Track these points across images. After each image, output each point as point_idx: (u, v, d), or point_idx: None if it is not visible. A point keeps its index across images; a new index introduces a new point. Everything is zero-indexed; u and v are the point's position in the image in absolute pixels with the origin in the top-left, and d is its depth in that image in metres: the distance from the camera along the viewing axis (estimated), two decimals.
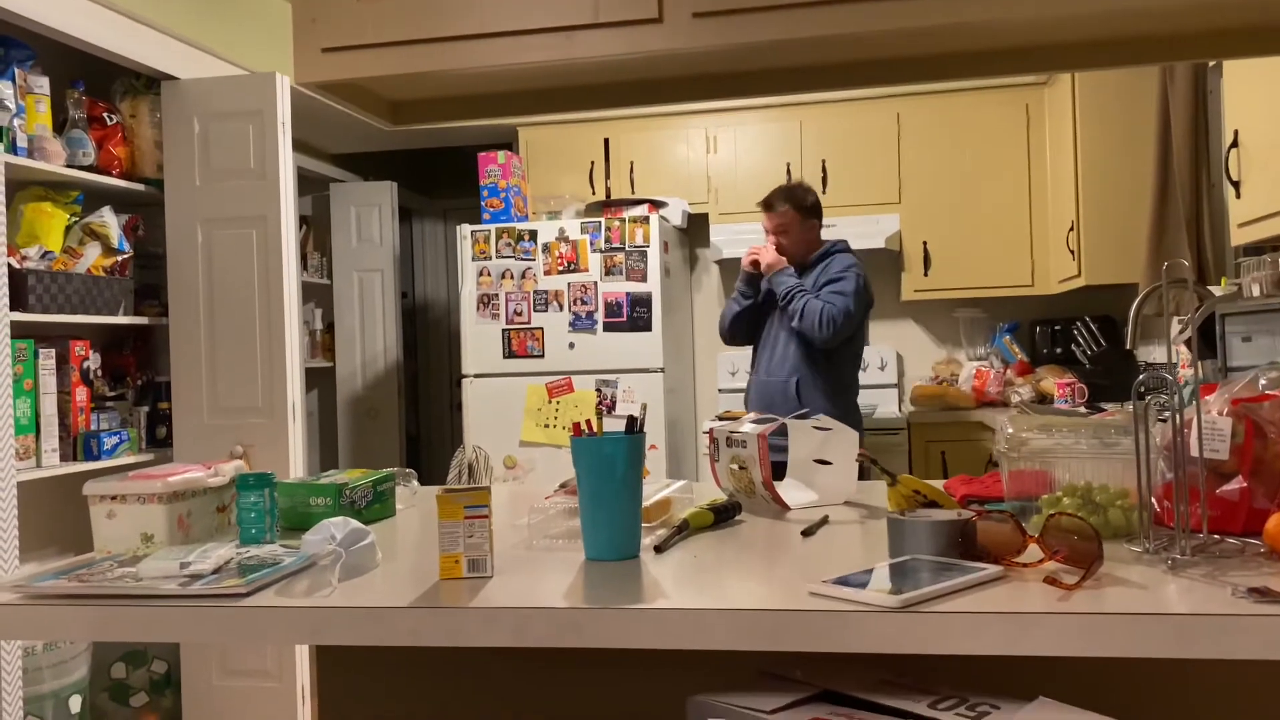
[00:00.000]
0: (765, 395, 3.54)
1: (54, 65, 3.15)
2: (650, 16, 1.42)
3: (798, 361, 3.48)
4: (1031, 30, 1.61)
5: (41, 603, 1.21)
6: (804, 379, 3.48)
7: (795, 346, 3.49)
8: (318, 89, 1.55)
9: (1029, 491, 1.46)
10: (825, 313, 3.36)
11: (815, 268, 3.51)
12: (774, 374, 3.53)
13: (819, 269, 3.50)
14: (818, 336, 3.38)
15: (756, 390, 3.62)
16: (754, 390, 3.64)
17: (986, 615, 1.01)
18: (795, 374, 3.49)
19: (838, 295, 3.40)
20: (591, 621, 1.08)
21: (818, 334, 3.37)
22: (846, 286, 3.42)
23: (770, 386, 3.54)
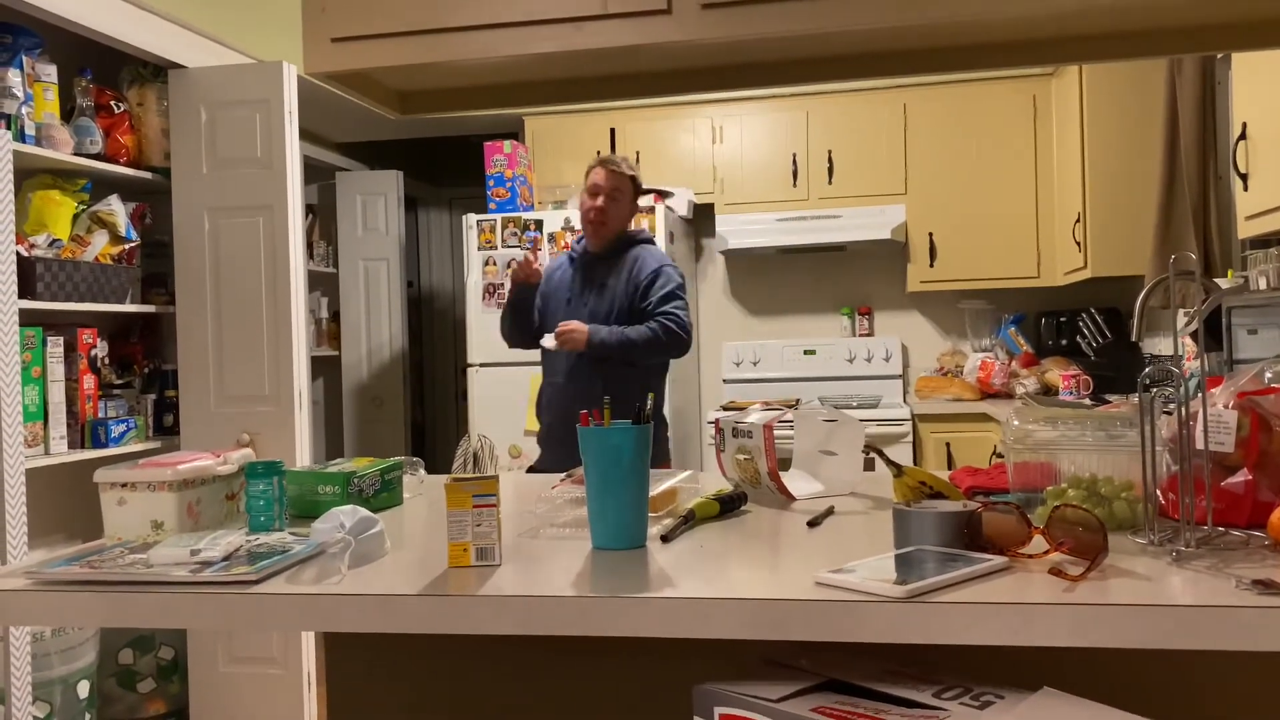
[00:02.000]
0: (564, 402, 3.17)
1: (62, 53, 3.16)
2: (659, 8, 1.42)
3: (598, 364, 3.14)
4: (1039, 23, 1.61)
5: (53, 589, 1.22)
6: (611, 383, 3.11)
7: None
8: (327, 79, 1.55)
9: (1034, 483, 1.47)
10: (670, 330, 3.08)
11: (624, 255, 3.20)
12: (576, 379, 3.17)
13: (630, 263, 3.18)
14: (680, 351, 3.14)
15: (553, 397, 3.24)
16: (550, 397, 3.27)
17: (991, 606, 1.02)
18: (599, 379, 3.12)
19: (669, 304, 3.11)
20: (598, 610, 1.09)
21: (678, 350, 3.13)
22: (669, 286, 3.14)
23: (570, 393, 3.16)
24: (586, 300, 3.21)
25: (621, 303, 3.17)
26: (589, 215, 3.18)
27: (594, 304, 3.20)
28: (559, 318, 3.18)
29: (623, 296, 3.17)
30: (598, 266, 3.24)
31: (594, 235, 3.20)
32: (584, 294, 3.22)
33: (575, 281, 3.26)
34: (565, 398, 3.18)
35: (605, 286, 3.19)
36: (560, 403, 3.20)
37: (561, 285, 3.29)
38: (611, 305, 3.18)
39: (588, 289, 3.22)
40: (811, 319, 4.97)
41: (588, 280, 3.24)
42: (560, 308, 3.25)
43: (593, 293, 3.21)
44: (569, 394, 3.17)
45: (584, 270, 3.26)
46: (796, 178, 4.62)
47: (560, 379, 3.22)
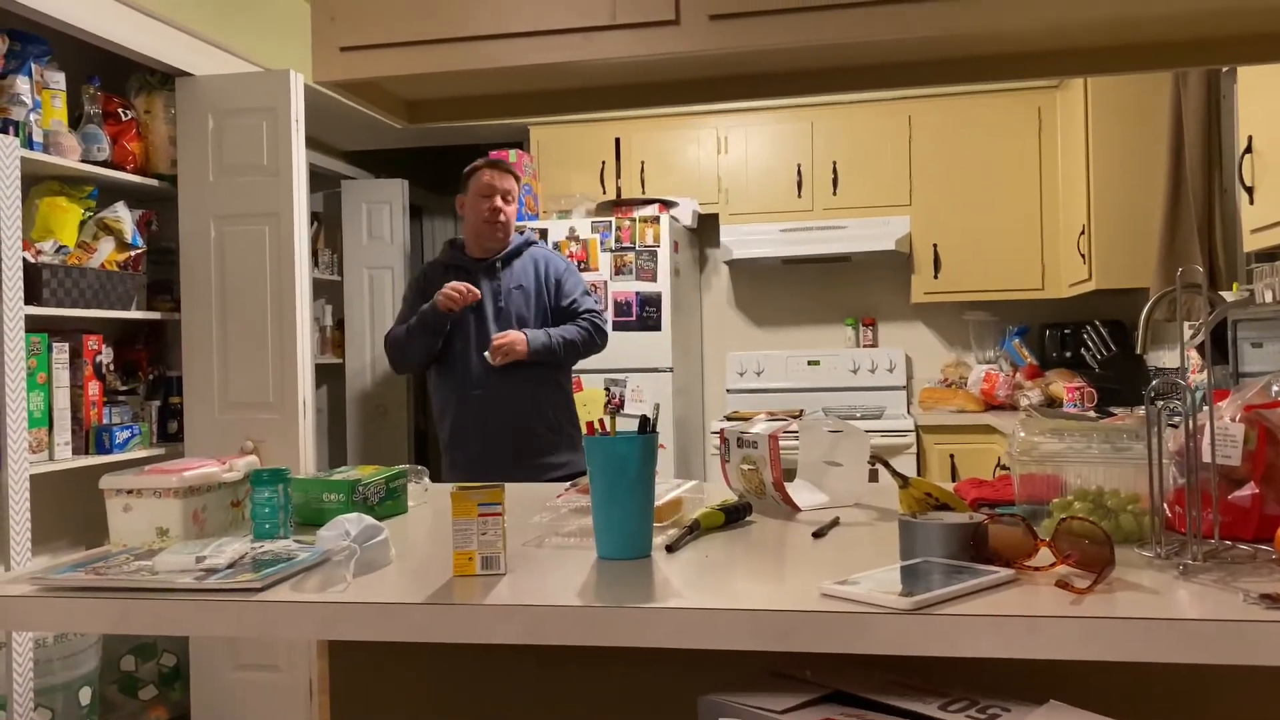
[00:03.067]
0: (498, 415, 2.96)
1: (70, 61, 3.17)
2: (667, 19, 1.43)
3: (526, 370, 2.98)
4: (1044, 36, 1.61)
5: (59, 595, 1.22)
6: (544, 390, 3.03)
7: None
8: (335, 87, 1.56)
9: (1040, 496, 1.47)
10: (598, 327, 3.07)
11: (523, 255, 3.09)
12: (504, 387, 2.96)
13: (539, 264, 3.08)
14: (602, 347, 3.11)
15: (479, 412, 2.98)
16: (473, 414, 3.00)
17: (997, 618, 1.02)
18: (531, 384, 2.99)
19: (589, 300, 3.12)
20: (604, 620, 1.09)
21: (602, 347, 3.10)
22: (583, 283, 3.15)
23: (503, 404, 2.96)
24: (496, 307, 3.04)
25: (542, 304, 3.07)
26: (492, 218, 3.01)
27: (517, 308, 3.04)
28: (480, 328, 3.00)
29: (543, 297, 3.07)
30: (501, 270, 3.08)
31: (493, 238, 3.04)
32: (495, 300, 3.04)
33: (481, 290, 3.01)
34: (498, 410, 2.96)
35: (522, 289, 3.05)
36: (493, 417, 2.96)
37: None
38: (532, 307, 3.06)
39: (497, 295, 3.04)
40: (816, 330, 4.97)
41: (495, 286, 3.05)
42: (466, 319, 3.01)
43: (504, 298, 3.04)
44: (501, 405, 2.95)
45: (485, 276, 3.06)
46: (801, 188, 4.62)
47: (481, 389, 2.98)
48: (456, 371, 3.02)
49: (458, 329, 3.02)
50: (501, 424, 2.96)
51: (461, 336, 3.02)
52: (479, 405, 3.00)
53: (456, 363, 3.03)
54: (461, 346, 3.03)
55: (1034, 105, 4.46)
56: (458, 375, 3.02)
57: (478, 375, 2.99)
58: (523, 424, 2.98)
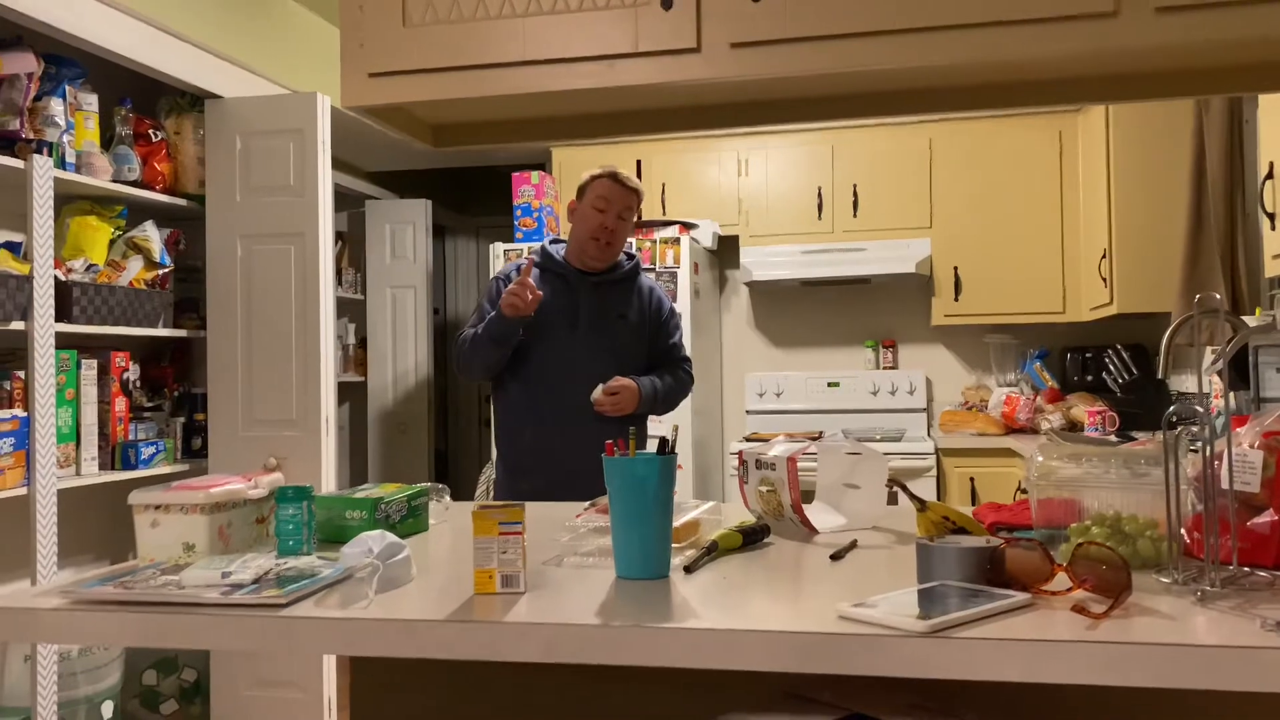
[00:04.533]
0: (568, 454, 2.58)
1: (102, 83, 3.23)
2: (689, 46, 1.45)
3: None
4: (1064, 63, 1.62)
5: (88, 608, 1.24)
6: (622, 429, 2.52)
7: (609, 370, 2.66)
8: (363, 112, 1.59)
9: (1058, 520, 1.47)
10: (688, 387, 2.87)
11: (632, 282, 2.80)
12: (580, 424, 2.63)
13: (643, 294, 2.81)
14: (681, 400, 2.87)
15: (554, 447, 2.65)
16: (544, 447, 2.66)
17: (1013, 642, 1.02)
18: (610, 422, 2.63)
19: (681, 349, 2.88)
20: (623, 639, 1.10)
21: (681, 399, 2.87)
22: (681, 326, 2.91)
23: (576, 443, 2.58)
24: (595, 331, 2.70)
25: (636, 339, 2.77)
26: (598, 235, 2.68)
27: (607, 338, 2.71)
28: (571, 351, 2.68)
29: (639, 331, 2.77)
30: (608, 292, 2.76)
31: (600, 257, 2.72)
32: (596, 323, 2.71)
33: (580, 307, 2.72)
34: (577, 445, 2.55)
35: (624, 319, 2.75)
36: (572, 452, 2.56)
37: (555, 309, 2.69)
38: (625, 341, 2.74)
39: (599, 319, 2.72)
40: (835, 351, 4.97)
41: (599, 308, 2.73)
42: (558, 337, 2.69)
43: (605, 324, 2.73)
44: (582, 441, 2.51)
45: (590, 294, 2.74)
46: (821, 211, 4.64)
47: (563, 420, 2.65)
48: (537, 394, 2.68)
49: (544, 345, 2.68)
50: (577, 461, 2.48)
51: (549, 355, 2.68)
52: (558, 437, 2.64)
53: (538, 384, 2.68)
54: (547, 366, 2.68)
55: (1055, 129, 4.46)
56: (538, 399, 2.68)
57: (561, 403, 2.65)
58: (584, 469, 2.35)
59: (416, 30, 1.53)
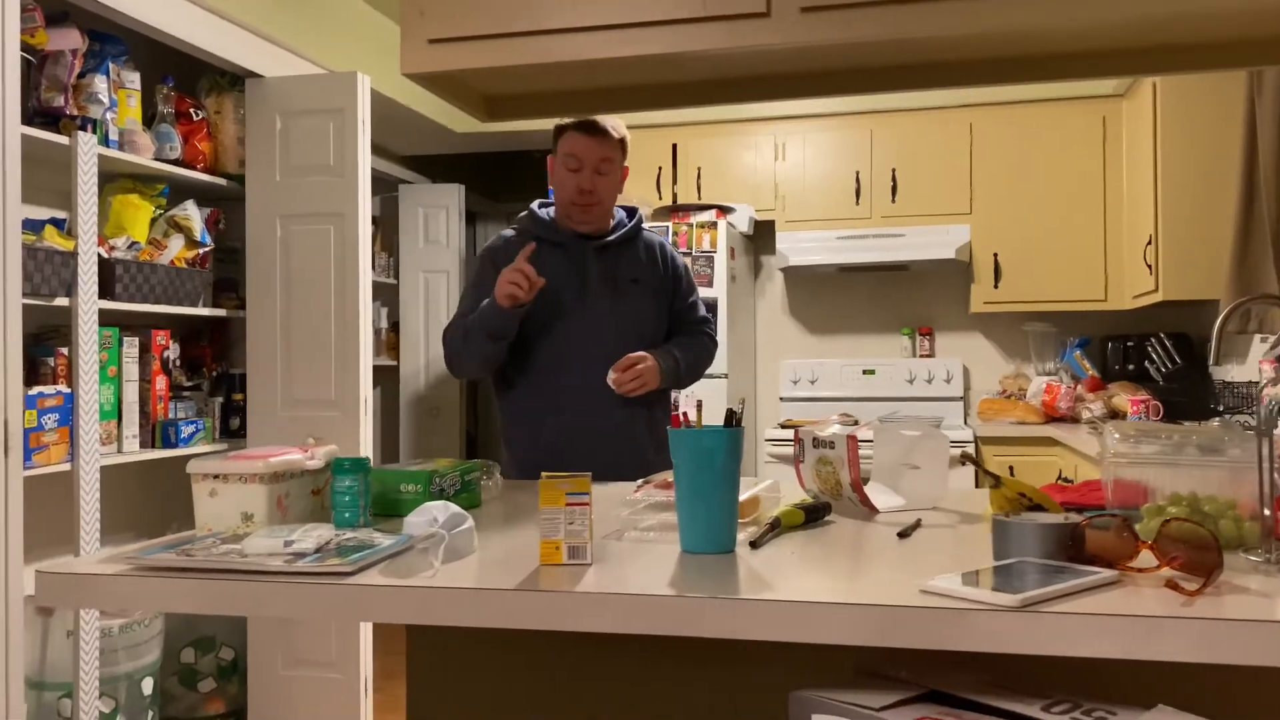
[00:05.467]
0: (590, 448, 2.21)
1: (144, 61, 3.23)
2: (758, 10, 1.42)
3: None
4: (1139, 29, 1.58)
5: (153, 574, 1.23)
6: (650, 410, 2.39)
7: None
8: (421, 80, 1.57)
9: (1131, 500, 1.43)
10: (713, 351, 2.57)
11: (637, 240, 2.46)
12: (605, 411, 2.31)
13: (654, 253, 2.47)
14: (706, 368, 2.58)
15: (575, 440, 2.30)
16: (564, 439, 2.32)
17: (1111, 618, 0.99)
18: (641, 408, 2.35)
19: (699, 308, 2.55)
20: (700, 610, 1.08)
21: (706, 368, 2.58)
22: (697, 286, 2.59)
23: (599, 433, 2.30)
24: (609, 301, 2.37)
25: (654, 304, 2.45)
26: (576, 199, 2.35)
27: (623, 308, 2.38)
28: (585, 330, 2.34)
29: (655, 295, 2.45)
30: (615, 256, 2.42)
31: (585, 221, 2.39)
32: (608, 293, 2.37)
33: (587, 276, 2.37)
34: (598, 438, 2.28)
35: (637, 284, 2.41)
36: (592, 445, 2.24)
37: (558, 283, 2.32)
38: (641, 308, 2.42)
39: (610, 288, 2.38)
40: (871, 338, 4.92)
41: (608, 275, 2.39)
42: (566, 314, 2.34)
43: (618, 292, 2.39)
44: (602, 433, 2.29)
45: (594, 260, 2.39)
46: (859, 196, 4.59)
47: (581, 410, 2.31)
48: (552, 383, 2.35)
49: (551, 326, 2.33)
50: (609, 452, 2.22)
51: (559, 337, 2.34)
52: (583, 427, 2.31)
53: (551, 371, 2.35)
54: (558, 349, 2.34)
55: (1099, 114, 4.39)
56: (554, 388, 2.35)
57: (582, 389, 2.31)
58: (619, 459, 2.19)
59: None
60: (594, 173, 2.34)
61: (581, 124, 2.26)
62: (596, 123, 2.26)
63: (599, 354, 2.30)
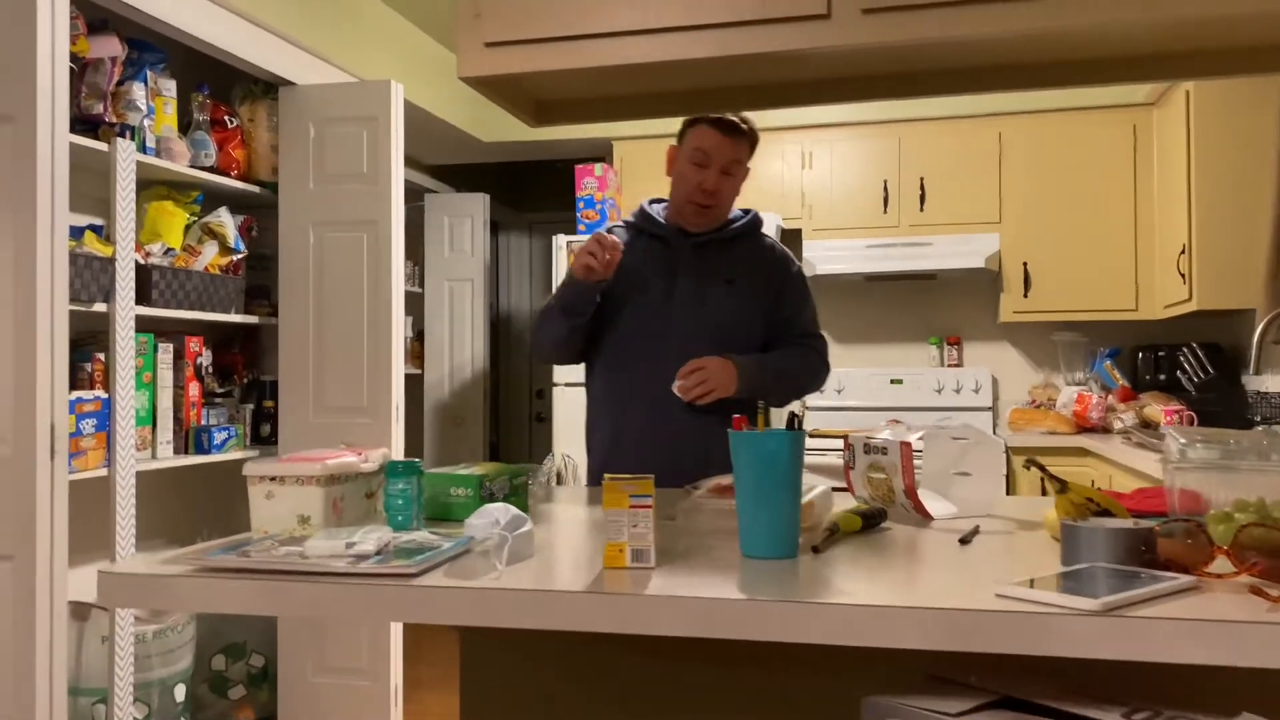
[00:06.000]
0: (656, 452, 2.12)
1: (180, 68, 3.25)
2: (819, 12, 1.41)
3: None
4: (1199, 30, 1.57)
5: (216, 575, 1.22)
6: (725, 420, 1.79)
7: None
8: (477, 84, 1.57)
9: (1192, 507, 1.42)
10: (819, 368, 2.35)
11: (745, 241, 2.33)
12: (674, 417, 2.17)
13: (761, 256, 2.32)
14: (819, 387, 2.39)
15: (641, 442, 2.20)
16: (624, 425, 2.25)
17: (1198, 623, 0.97)
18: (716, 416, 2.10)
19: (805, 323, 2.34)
20: (774, 614, 1.06)
21: (818, 386, 2.39)
22: (811, 299, 2.39)
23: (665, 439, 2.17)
24: (695, 301, 2.24)
25: (749, 310, 2.27)
26: (695, 198, 2.21)
27: (710, 309, 2.23)
28: (664, 323, 2.22)
29: (753, 300, 2.27)
30: (714, 254, 2.28)
31: (699, 223, 2.28)
32: (696, 291, 2.24)
33: (679, 272, 2.25)
34: (658, 444, 2.16)
35: (732, 285, 2.25)
36: (651, 452, 2.12)
37: (646, 271, 2.25)
38: (732, 311, 2.24)
39: (701, 286, 2.24)
40: (899, 348, 4.90)
41: (701, 273, 2.25)
42: (650, 309, 2.24)
43: (708, 292, 2.24)
44: (664, 439, 2.16)
45: (690, 257, 2.27)
46: (887, 204, 4.58)
47: (651, 405, 2.19)
48: (623, 380, 2.26)
49: (634, 319, 2.24)
50: (669, 459, 2.06)
51: (638, 332, 2.24)
52: (646, 432, 2.20)
53: (624, 368, 2.26)
54: (634, 345, 2.24)
55: (1129, 123, 4.37)
56: (624, 385, 2.26)
57: (651, 390, 2.18)
58: (678, 465, 2.01)
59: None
60: (720, 173, 2.19)
61: (718, 119, 2.10)
62: (734, 120, 2.11)
63: (673, 354, 2.17)
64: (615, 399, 2.29)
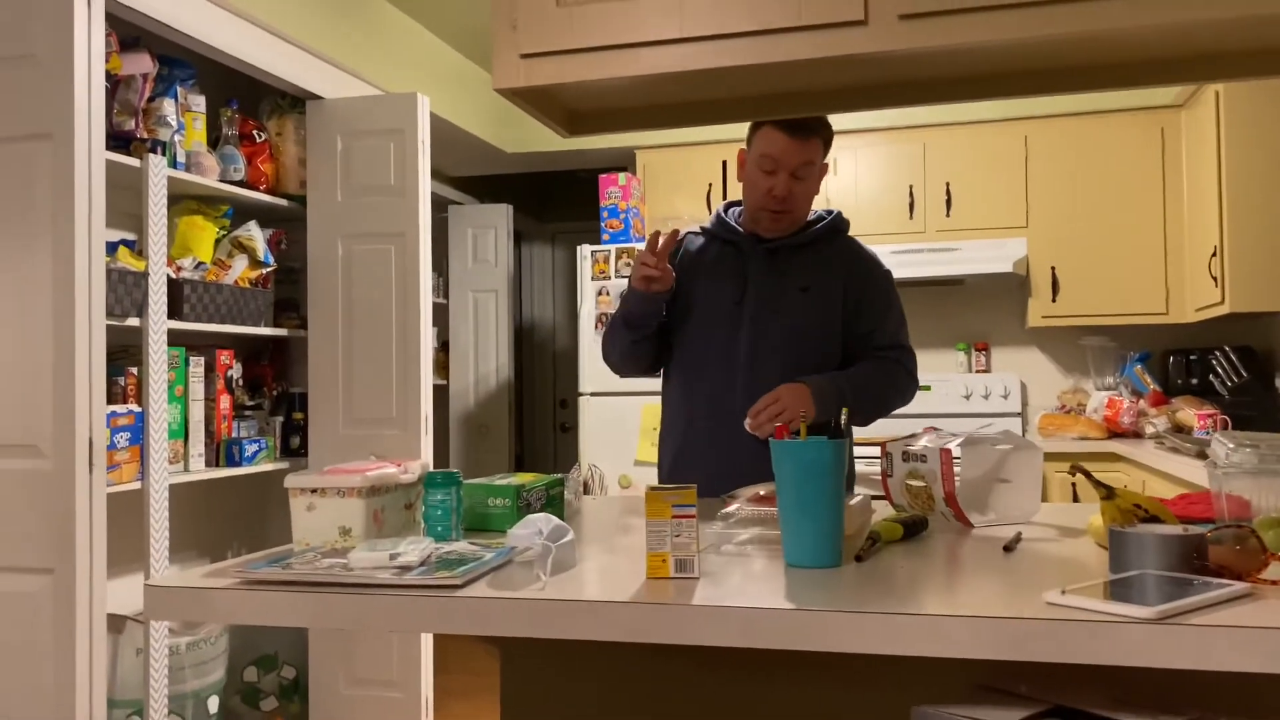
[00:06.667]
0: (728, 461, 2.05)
1: (208, 84, 3.28)
2: (855, 19, 1.41)
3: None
4: (1230, 32, 1.55)
5: (261, 588, 1.23)
6: None
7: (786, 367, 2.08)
8: (512, 95, 1.57)
9: (1238, 512, 1.40)
10: (905, 382, 2.22)
11: (824, 244, 2.19)
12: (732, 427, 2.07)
13: (843, 260, 2.19)
14: (906, 402, 2.26)
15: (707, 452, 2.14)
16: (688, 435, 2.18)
17: (1258, 631, 0.96)
18: None
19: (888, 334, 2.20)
20: (824, 624, 1.06)
21: (906, 401, 2.26)
22: (899, 307, 2.26)
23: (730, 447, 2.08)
24: (767, 310, 2.12)
25: (824, 320, 2.14)
26: (766, 204, 2.10)
27: (782, 318, 2.12)
28: (732, 334, 2.13)
29: (829, 310, 2.14)
30: (788, 260, 2.16)
31: (773, 230, 2.16)
32: (768, 300, 2.13)
33: (749, 279, 2.15)
34: (720, 461, 2.08)
35: (807, 293, 2.13)
36: (713, 469, 2.06)
37: (718, 279, 2.17)
38: (806, 322, 2.13)
39: (773, 294, 2.13)
40: (926, 354, 4.87)
41: (773, 281, 2.14)
42: (719, 318, 2.15)
43: (782, 300, 2.13)
44: (726, 456, 2.08)
45: (762, 263, 2.16)
46: (913, 210, 4.56)
47: (707, 428, 2.14)
48: (689, 391, 2.19)
49: (704, 329, 2.17)
50: (729, 477, 1.92)
51: (707, 342, 2.16)
52: (708, 448, 2.14)
53: (690, 379, 2.19)
54: (700, 355, 2.17)
55: (1156, 125, 4.33)
56: (689, 397, 2.19)
57: (716, 404, 2.12)
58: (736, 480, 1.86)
59: (570, 9, 1.50)
60: (790, 177, 2.06)
61: (784, 121, 1.97)
62: (801, 121, 1.98)
63: (741, 366, 2.11)
64: (683, 411, 2.21)
